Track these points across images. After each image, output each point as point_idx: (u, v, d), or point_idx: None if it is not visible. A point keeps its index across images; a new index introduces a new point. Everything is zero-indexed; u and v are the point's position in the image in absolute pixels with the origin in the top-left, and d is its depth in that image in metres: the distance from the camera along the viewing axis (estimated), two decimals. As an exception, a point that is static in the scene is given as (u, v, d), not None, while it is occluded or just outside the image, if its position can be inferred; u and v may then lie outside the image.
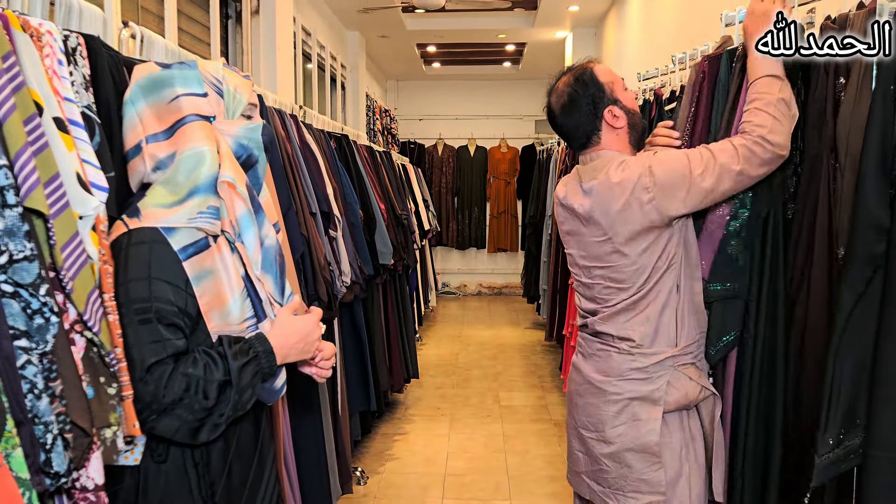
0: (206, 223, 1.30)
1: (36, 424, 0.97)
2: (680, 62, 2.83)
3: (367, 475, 3.68)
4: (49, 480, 0.98)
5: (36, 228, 1.03)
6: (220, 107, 1.38)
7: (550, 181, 6.01)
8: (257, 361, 1.32)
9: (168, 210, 1.29)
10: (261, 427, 1.48)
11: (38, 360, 0.99)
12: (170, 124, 1.33)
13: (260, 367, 1.33)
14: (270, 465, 1.50)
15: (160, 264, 1.25)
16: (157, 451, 1.30)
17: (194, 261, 1.28)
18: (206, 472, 1.33)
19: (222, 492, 1.35)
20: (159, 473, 1.30)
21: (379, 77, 9.80)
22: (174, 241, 1.27)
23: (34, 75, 1.14)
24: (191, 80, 1.36)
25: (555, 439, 4.21)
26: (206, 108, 1.36)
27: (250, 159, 1.42)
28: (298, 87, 5.30)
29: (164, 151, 1.33)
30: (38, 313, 1.00)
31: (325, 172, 3.00)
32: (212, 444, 1.34)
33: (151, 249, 1.25)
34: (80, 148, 1.22)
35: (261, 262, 1.39)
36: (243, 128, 1.39)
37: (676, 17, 4.70)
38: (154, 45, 2.04)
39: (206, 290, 1.30)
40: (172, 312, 1.25)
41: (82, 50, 1.37)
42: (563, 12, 7.01)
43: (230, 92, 1.39)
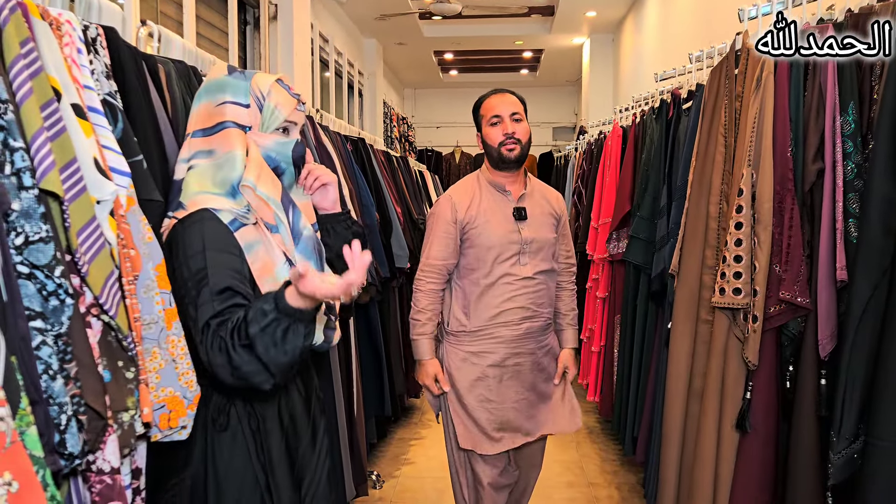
0: (244, 218, 1.42)
1: (51, 405, 0.97)
2: (697, 60, 2.81)
3: (382, 479, 3.67)
4: (63, 461, 0.98)
5: (52, 211, 1.03)
6: (257, 119, 1.49)
7: (568, 187, 5.98)
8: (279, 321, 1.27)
9: (211, 196, 1.40)
10: (311, 398, 1.59)
11: (53, 342, 1.00)
12: (212, 125, 1.46)
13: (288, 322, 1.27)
14: (322, 437, 1.58)
15: (214, 236, 1.35)
16: (219, 422, 1.42)
17: (242, 232, 1.39)
18: (264, 439, 1.44)
19: (279, 457, 1.45)
20: (223, 441, 1.41)
21: (396, 85, 9.84)
22: (223, 217, 1.38)
23: (53, 62, 1.16)
24: (239, 90, 1.48)
25: (573, 445, 4.17)
26: (245, 118, 1.47)
27: (277, 171, 1.51)
28: (316, 94, 5.34)
29: (200, 147, 1.46)
30: (53, 295, 1.00)
31: (342, 173, 3.01)
32: (266, 413, 1.45)
33: (203, 226, 1.36)
34: (99, 134, 1.23)
35: (295, 248, 1.47)
36: (275, 141, 1.49)
37: (694, 19, 4.68)
38: (172, 44, 2.05)
39: (256, 257, 1.40)
40: (228, 275, 1.32)
41: (102, 40, 1.39)
42: (580, 18, 7.01)
43: (269, 108, 1.49)
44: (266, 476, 1.44)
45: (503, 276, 2.25)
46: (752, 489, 2.04)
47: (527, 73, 10.01)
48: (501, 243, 2.25)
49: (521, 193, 2.32)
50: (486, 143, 2.31)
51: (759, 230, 1.97)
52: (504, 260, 2.25)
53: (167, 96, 1.63)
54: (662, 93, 3.32)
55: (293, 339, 1.27)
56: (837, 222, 1.78)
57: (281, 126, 1.51)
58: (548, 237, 2.32)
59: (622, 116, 4.26)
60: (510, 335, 2.28)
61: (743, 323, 2.01)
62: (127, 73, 1.45)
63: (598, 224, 4.12)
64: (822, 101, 1.88)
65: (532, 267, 2.28)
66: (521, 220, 2.28)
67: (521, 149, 2.27)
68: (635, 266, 3.26)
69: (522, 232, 2.27)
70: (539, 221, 2.32)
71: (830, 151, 1.84)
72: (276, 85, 1.51)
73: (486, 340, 2.28)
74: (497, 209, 2.29)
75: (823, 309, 1.81)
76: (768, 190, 1.96)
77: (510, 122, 2.26)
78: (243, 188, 1.41)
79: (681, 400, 2.32)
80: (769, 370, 2.02)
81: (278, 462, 1.46)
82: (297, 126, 1.55)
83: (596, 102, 7.67)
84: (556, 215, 2.38)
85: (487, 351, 2.28)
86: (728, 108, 2.17)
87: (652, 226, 3.01)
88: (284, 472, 1.47)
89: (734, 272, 2.01)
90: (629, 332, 3.44)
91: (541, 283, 2.30)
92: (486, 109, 2.30)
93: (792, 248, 1.92)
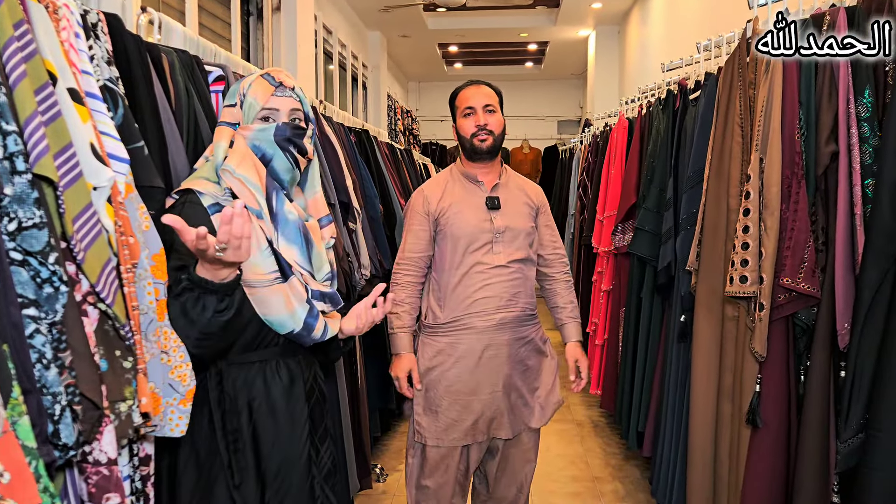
0: (227, 201, 1.51)
1: (44, 395, 0.95)
2: (705, 49, 2.77)
3: (386, 472, 3.65)
4: (58, 452, 0.96)
5: (46, 196, 1.01)
6: (239, 115, 1.57)
7: (573, 181, 5.95)
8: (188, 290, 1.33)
9: (202, 181, 1.51)
10: (294, 390, 1.59)
11: (48, 330, 0.97)
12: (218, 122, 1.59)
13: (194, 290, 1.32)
14: (302, 427, 1.59)
15: (191, 215, 1.42)
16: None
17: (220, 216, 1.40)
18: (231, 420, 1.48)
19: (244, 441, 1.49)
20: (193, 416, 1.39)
21: (401, 78, 9.80)
22: (204, 200, 1.48)
23: (48, 45, 1.13)
24: (232, 93, 1.60)
25: (577, 439, 4.15)
26: (231, 116, 1.58)
27: (264, 157, 1.55)
28: (320, 86, 5.31)
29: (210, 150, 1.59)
30: (47, 282, 0.98)
31: (345, 164, 2.98)
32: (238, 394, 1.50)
33: (184, 205, 1.47)
34: (97, 119, 1.21)
35: (279, 233, 1.53)
36: (255, 130, 1.55)
37: (701, 8, 4.63)
38: (173, 33, 2.03)
39: None
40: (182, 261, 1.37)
41: (103, 26, 1.37)
42: (585, 10, 6.96)
43: (248, 101, 1.57)
44: (228, 454, 1.48)
45: (475, 265, 2.23)
46: (763, 484, 2.01)
47: (532, 65, 9.96)
48: (473, 232, 2.23)
49: (495, 184, 2.30)
50: (460, 134, 2.31)
51: (766, 216, 1.94)
52: (476, 249, 2.23)
53: (170, 86, 1.61)
54: (669, 83, 3.28)
55: (201, 311, 1.30)
56: (856, 207, 1.75)
57: (259, 115, 1.56)
58: (523, 226, 2.29)
59: (628, 108, 4.22)
60: (483, 325, 2.23)
61: (753, 313, 1.98)
62: (131, 62, 1.43)
63: (603, 217, 4.09)
64: (835, 84, 1.84)
65: (506, 255, 2.25)
66: (494, 210, 2.26)
67: (493, 140, 2.26)
68: (640, 258, 3.23)
69: (495, 221, 2.25)
70: (514, 210, 2.29)
71: (845, 135, 1.81)
72: (258, 79, 1.58)
73: (459, 331, 2.24)
74: (469, 199, 2.28)
75: (841, 297, 1.77)
76: (776, 175, 1.93)
77: (483, 114, 2.25)
78: (223, 171, 1.51)
79: (708, 399, 2.28)
80: (781, 363, 1.98)
81: (244, 444, 1.49)
82: (280, 111, 1.58)
83: (601, 95, 7.62)
84: (532, 205, 2.36)
85: (460, 342, 2.25)
86: (742, 98, 2.14)
87: (658, 218, 2.98)
88: (250, 457, 1.51)
89: (741, 259, 1.98)
90: (633, 326, 3.41)
91: (516, 272, 2.26)
92: (461, 101, 2.31)
93: (796, 233, 1.89)
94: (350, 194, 2.89)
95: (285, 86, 1.58)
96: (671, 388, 2.70)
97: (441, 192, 2.31)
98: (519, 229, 2.28)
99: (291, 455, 1.57)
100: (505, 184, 2.34)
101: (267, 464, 1.53)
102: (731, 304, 2.16)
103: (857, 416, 1.54)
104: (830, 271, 1.83)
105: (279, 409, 1.55)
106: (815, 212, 1.91)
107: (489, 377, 2.24)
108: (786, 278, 1.88)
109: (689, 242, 2.47)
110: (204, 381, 1.48)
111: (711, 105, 2.41)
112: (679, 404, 2.60)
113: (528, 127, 10.39)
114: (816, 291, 1.85)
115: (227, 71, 1.98)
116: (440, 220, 2.27)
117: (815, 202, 1.91)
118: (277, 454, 1.55)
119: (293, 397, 1.58)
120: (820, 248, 1.88)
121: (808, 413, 1.90)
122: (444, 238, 2.26)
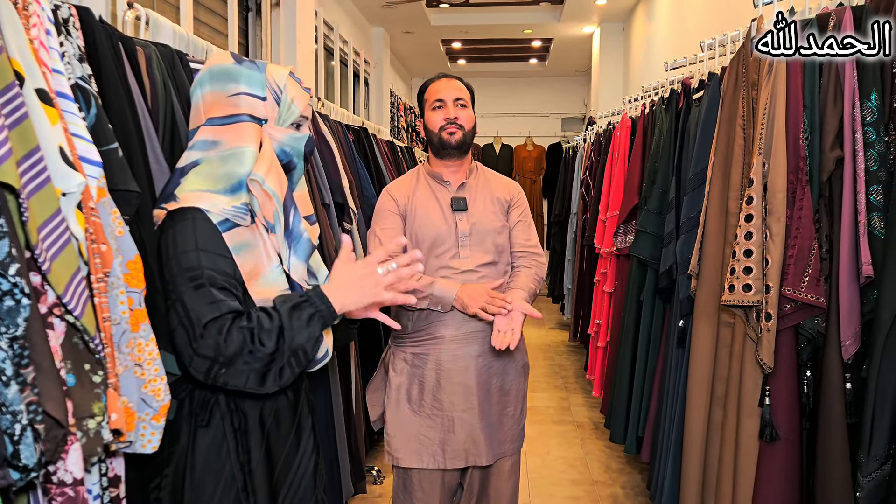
0: (238, 218, 1.38)
1: (3, 413, 0.90)
2: (709, 48, 2.71)
3: (383, 475, 3.61)
4: (17, 474, 0.91)
5: (8, 204, 0.96)
6: (273, 112, 1.45)
7: (576, 179, 5.89)
8: (311, 304, 1.35)
9: (205, 195, 1.37)
10: (300, 399, 1.53)
11: (8, 345, 0.92)
12: (225, 114, 1.41)
13: (316, 309, 1.35)
14: (307, 437, 1.54)
15: (204, 235, 1.33)
16: (201, 417, 1.39)
17: (232, 234, 1.37)
18: (244, 438, 1.40)
19: (259, 458, 1.41)
20: (204, 437, 1.38)
21: (404, 74, 9.74)
22: (213, 217, 1.35)
23: (16, 44, 1.08)
24: (255, 81, 1.44)
25: (577, 441, 4.10)
26: (261, 110, 1.43)
27: (290, 165, 1.49)
28: (321, 83, 5.25)
29: (205, 136, 1.41)
30: (7, 295, 0.93)
31: (341, 164, 2.93)
32: (249, 412, 1.41)
33: (195, 223, 1.33)
34: (67, 121, 1.16)
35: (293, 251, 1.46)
36: (289, 136, 1.46)
37: (707, 6, 4.56)
38: (161, 29, 1.98)
39: (245, 259, 1.38)
40: (222, 277, 1.32)
41: (75, 21, 1.31)
42: (590, 6, 6.89)
43: (287, 101, 1.46)
44: (244, 476, 1.40)
45: (440, 270, 2.11)
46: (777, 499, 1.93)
47: (536, 62, 9.88)
48: (437, 235, 2.12)
49: (462, 183, 2.19)
50: (428, 127, 2.20)
51: (772, 222, 1.87)
52: (441, 253, 2.11)
53: (146, 81, 1.55)
54: (673, 82, 3.22)
55: (314, 326, 1.31)
56: (860, 215, 1.68)
57: (296, 121, 1.48)
58: (491, 227, 2.15)
59: (631, 107, 4.16)
60: (451, 335, 2.10)
61: (756, 322, 1.92)
62: (102, 57, 1.37)
63: (605, 217, 4.03)
64: (840, 87, 1.78)
65: (473, 260, 2.12)
66: (460, 211, 2.14)
67: (463, 135, 2.15)
68: (640, 261, 3.17)
69: (460, 224, 2.13)
70: (481, 209, 2.17)
71: (850, 139, 1.74)
72: (290, 79, 1.48)
73: (426, 341, 2.12)
74: (433, 200, 2.17)
75: (846, 308, 1.70)
76: (781, 180, 1.86)
77: (453, 107, 2.15)
78: (251, 181, 1.38)
79: (702, 407, 2.22)
80: (789, 374, 1.92)
81: (257, 463, 1.42)
82: (307, 121, 1.53)
83: (606, 92, 7.55)
84: (503, 201, 2.22)
85: (427, 352, 2.12)
86: (745, 99, 2.08)
87: (660, 220, 2.92)
88: (263, 474, 1.43)
89: (744, 267, 1.92)
90: (632, 329, 3.36)
91: (484, 278, 2.12)
92: (430, 93, 2.20)
93: (800, 240, 1.82)
94: (345, 193, 2.84)
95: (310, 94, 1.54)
96: (671, 393, 2.64)
97: (405, 192, 2.20)
98: (487, 229, 2.15)
99: (301, 470, 1.52)
100: (474, 183, 2.22)
101: (279, 481, 1.47)
102: (727, 310, 2.10)
103: (881, 447, 1.45)
104: (835, 281, 1.77)
105: (285, 423, 1.49)
106: (820, 219, 1.84)
107: (460, 392, 2.10)
108: (788, 288, 1.82)
109: (689, 246, 2.42)
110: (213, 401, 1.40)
111: (714, 105, 2.35)
112: (679, 410, 2.54)
113: (532, 124, 10.32)
114: (821, 301, 1.78)
115: (216, 69, 1.92)
116: (406, 221, 2.16)
117: (819, 209, 1.85)
118: (289, 474, 1.49)
119: (299, 409, 1.53)
120: (824, 256, 1.81)
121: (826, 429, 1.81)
122: (410, 241, 2.14)
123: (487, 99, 10.33)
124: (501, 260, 2.18)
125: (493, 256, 2.15)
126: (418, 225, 2.14)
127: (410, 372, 2.14)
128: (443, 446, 2.10)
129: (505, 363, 2.18)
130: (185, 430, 1.39)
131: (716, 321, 2.18)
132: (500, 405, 2.18)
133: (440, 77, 2.22)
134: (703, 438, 2.23)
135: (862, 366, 1.70)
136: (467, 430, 2.10)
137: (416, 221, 2.14)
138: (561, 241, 6.65)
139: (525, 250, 2.23)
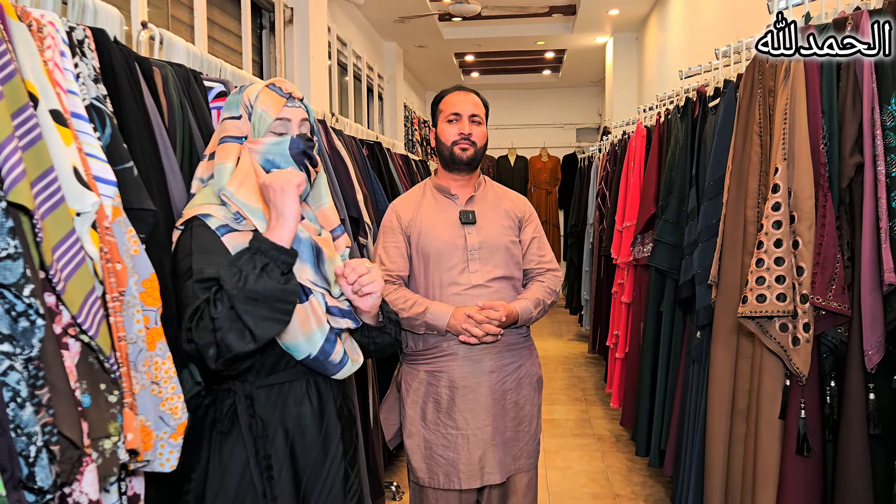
0: (235, 223, 1.47)
1: (18, 435, 0.90)
2: (724, 55, 2.69)
3: (402, 490, 3.58)
4: (32, 497, 0.90)
5: (22, 225, 0.96)
6: (247, 127, 1.52)
7: (592, 189, 5.87)
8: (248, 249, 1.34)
9: (207, 206, 1.45)
10: (325, 408, 1.54)
11: (23, 367, 0.92)
12: (216, 142, 1.53)
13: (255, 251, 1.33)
14: (336, 446, 1.54)
15: (200, 240, 1.40)
16: (223, 424, 1.44)
17: (230, 237, 1.44)
18: (263, 445, 1.42)
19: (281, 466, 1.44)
20: (225, 445, 1.43)
21: (417, 88, 9.78)
22: (211, 223, 1.43)
23: (30, 66, 1.09)
24: (233, 104, 1.55)
25: (598, 455, 4.05)
26: (236, 129, 1.52)
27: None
28: (335, 98, 5.28)
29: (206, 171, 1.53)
30: (22, 315, 0.93)
31: (355, 179, 2.93)
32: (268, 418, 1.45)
33: (192, 230, 1.41)
34: (82, 141, 1.16)
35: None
36: (267, 144, 1.50)
37: (720, 13, 4.54)
38: (175, 48, 1.99)
39: None
40: (210, 271, 1.34)
41: (90, 42, 1.32)
42: (602, 17, 6.88)
43: (257, 113, 1.52)
44: (263, 482, 1.41)
45: (450, 286, 2.07)
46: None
47: (549, 73, 9.89)
48: (445, 249, 2.08)
49: (470, 196, 2.17)
50: (440, 139, 2.17)
51: (804, 229, 1.81)
52: (449, 268, 2.08)
53: (163, 101, 1.56)
54: (687, 90, 3.20)
55: (266, 278, 1.29)
56: (882, 221, 1.64)
57: (272, 128, 1.52)
58: (502, 241, 2.13)
59: (646, 116, 4.14)
60: (463, 352, 2.07)
61: (780, 333, 1.87)
62: (118, 77, 1.38)
63: (622, 227, 4.01)
64: (859, 91, 1.75)
65: (483, 274, 2.08)
66: (469, 224, 2.11)
67: (475, 151, 2.13)
68: (659, 271, 3.14)
69: (469, 237, 2.10)
70: (492, 224, 2.14)
71: (870, 145, 1.71)
72: (265, 90, 1.53)
73: (439, 358, 2.09)
74: (441, 214, 2.14)
75: (868, 316, 1.67)
76: (809, 186, 1.82)
77: (468, 123, 2.13)
78: (222, 196, 1.46)
79: (723, 419, 2.18)
80: (811, 385, 1.87)
81: (279, 470, 1.44)
82: (291, 122, 1.53)
83: (620, 102, 7.53)
84: (514, 217, 2.19)
85: (440, 370, 2.09)
86: (762, 106, 2.05)
87: (678, 229, 2.89)
88: (288, 481, 1.45)
89: (776, 276, 1.86)
90: (652, 340, 3.32)
91: (496, 292, 2.09)
92: (446, 105, 2.17)
93: (825, 248, 1.79)
94: (360, 207, 2.84)
95: (294, 97, 1.55)
96: (692, 406, 2.60)
97: (412, 207, 2.18)
98: (497, 245, 2.12)
99: (328, 479, 1.51)
100: (482, 196, 2.19)
101: (308, 490, 1.48)
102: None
103: None
104: (856, 289, 1.73)
105: (310, 431, 1.50)
106: (841, 226, 1.81)
107: (475, 410, 2.07)
108: (816, 297, 1.77)
109: (706, 255, 2.38)
110: (232, 408, 1.44)
111: (730, 113, 2.32)
112: (701, 423, 2.50)
113: (546, 135, 10.31)
114: (847, 309, 1.75)
115: (230, 87, 1.93)
116: (412, 237, 2.13)
117: (840, 216, 1.81)
118: (317, 484, 1.49)
119: (325, 417, 1.53)
120: (846, 263, 1.78)
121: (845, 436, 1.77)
122: (417, 256, 2.12)
123: (501, 111, 10.33)
124: (515, 274, 2.16)
125: (504, 271, 2.13)
126: (424, 239, 2.12)
127: (425, 391, 2.12)
128: (458, 466, 2.08)
129: (519, 378, 2.16)
130: (206, 439, 1.43)
131: (736, 332, 2.14)
132: (515, 421, 2.15)
133: (457, 89, 2.21)
134: (726, 452, 2.18)
135: (885, 376, 1.66)
136: (482, 448, 2.08)
137: (423, 236, 2.12)
138: (578, 252, 6.62)
139: (540, 267, 2.22)
